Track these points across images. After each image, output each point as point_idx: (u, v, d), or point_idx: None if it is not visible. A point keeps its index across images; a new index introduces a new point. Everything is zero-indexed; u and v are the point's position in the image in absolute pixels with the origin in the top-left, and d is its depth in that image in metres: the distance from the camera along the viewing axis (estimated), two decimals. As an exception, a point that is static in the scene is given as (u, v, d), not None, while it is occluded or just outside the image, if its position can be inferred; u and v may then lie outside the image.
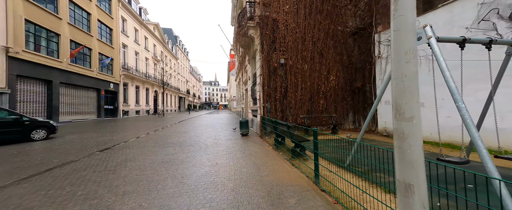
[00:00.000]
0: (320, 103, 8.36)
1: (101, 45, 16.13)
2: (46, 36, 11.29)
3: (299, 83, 8.01)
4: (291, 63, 7.94)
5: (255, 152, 5.22)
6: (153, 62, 27.21)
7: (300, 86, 8.02)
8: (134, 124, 12.85)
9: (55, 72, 11.70)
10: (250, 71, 10.84)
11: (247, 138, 7.33)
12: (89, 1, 14.79)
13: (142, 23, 23.95)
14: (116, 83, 18.36)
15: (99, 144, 6.55)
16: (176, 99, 40.53)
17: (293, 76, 7.96)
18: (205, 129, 10.25)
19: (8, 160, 4.63)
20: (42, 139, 7.12)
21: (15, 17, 9.39)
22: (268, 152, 5.17)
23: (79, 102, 14.09)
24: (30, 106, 10.39)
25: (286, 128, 4.55)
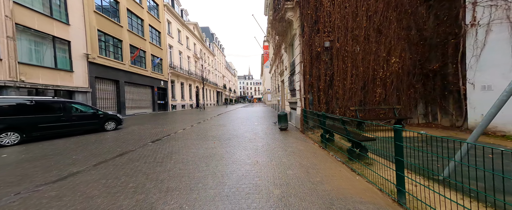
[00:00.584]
0: (377, 93, 6.81)
1: (152, 47, 18.30)
2: (112, 43, 13.48)
3: (348, 69, 6.68)
4: (338, 46, 6.66)
5: (299, 149, 4.56)
6: (194, 60, 29.49)
7: (350, 73, 6.69)
8: (180, 117, 14.19)
9: (121, 73, 13.95)
10: (287, 61, 9.95)
11: (286, 133, 6.70)
12: (142, 8, 16.79)
13: (184, 24, 25.97)
14: (165, 81, 20.72)
15: (152, 135, 7.26)
16: (214, 94, 43.32)
17: (340, 61, 6.69)
18: (241, 122, 10.19)
19: (87, 147, 5.57)
20: (112, 129, 8.51)
21: (91, 28, 11.46)
22: (315, 151, 4.42)
23: (138, 98, 16.58)
24: (105, 102, 12.79)
25: (340, 123, 3.67)
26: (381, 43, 6.79)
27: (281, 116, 7.21)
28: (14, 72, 7.65)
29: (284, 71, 11.45)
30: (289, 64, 9.80)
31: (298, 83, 7.13)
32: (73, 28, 10.34)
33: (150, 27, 18.35)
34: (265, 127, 8.34)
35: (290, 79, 9.69)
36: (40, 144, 5.94)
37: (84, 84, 10.87)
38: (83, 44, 10.89)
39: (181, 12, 26.73)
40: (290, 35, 8.64)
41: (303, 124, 6.55)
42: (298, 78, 7.25)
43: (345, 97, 6.72)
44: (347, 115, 6.69)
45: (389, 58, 6.84)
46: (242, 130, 7.85)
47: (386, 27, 6.77)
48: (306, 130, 6.38)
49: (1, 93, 7.35)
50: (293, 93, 9.21)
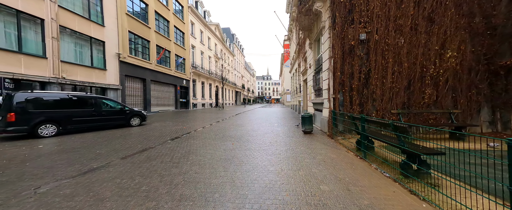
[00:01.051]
0: (426, 94, 5.65)
1: (176, 47, 19.07)
2: (141, 43, 14.30)
3: (389, 65, 5.68)
4: (377, 38, 5.70)
5: (331, 158, 3.87)
6: (214, 60, 30.14)
7: (391, 69, 5.68)
8: (200, 115, 14.37)
9: (147, 72, 14.72)
10: (312, 58, 9.15)
11: (311, 137, 5.99)
12: (168, 10, 17.59)
13: (206, 25, 26.68)
14: (187, 80, 21.44)
15: (172, 133, 7.25)
16: (233, 93, 43.81)
17: (379, 56, 5.72)
18: (261, 123, 9.72)
19: (112, 142, 5.70)
20: (137, 125, 8.82)
21: (123, 30, 12.26)
22: (352, 161, 3.68)
23: (163, 96, 17.37)
24: (133, 99, 13.59)
25: (390, 129, 2.91)
26: (433, 34, 5.62)
27: (305, 117, 6.52)
28: (57, 70, 8.43)
29: (307, 70, 10.65)
30: (314, 61, 9.00)
31: (326, 82, 6.35)
32: (107, 30, 11.14)
33: (175, 28, 19.14)
34: (286, 129, 7.72)
35: (315, 78, 8.88)
36: (73, 137, 6.31)
37: (115, 81, 11.65)
38: (115, 44, 11.68)
39: (204, 14, 27.52)
40: (317, 30, 7.87)
41: (331, 128, 5.77)
42: (326, 76, 6.47)
43: (384, 98, 5.72)
44: (387, 118, 5.69)
45: (443, 52, 5.63)
46: (262, 131, 7.37)
47: (440, 14, 5.58)
48: (335, 134, 5.59)
49: (45, 89, 8.18)
50: (319, 93, 8.39)
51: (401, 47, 5.66)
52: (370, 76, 5.81)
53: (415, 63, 5.66)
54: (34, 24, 7.91)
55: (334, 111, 5.67)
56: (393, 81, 5.71)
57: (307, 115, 6.53)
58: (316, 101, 8.34)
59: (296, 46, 14.24)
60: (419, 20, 5.63)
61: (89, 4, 10.13)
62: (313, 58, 9.04)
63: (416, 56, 5.66)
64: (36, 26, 7.96)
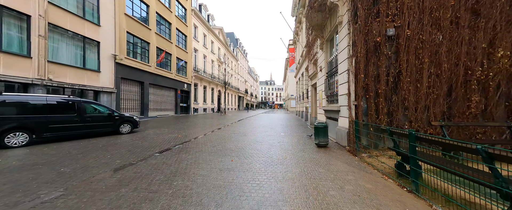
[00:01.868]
0: (472, 102, 4.56)
1: (178, 50, 18.47)
2: (140, 45, 13.68)
3: (424, 66, 4.65)
4: (409, 34, 4.71)
5: (366, 190, 2.80)
6: (217, 64, 29.56)
7: (426, 71, 4.64)
8: (200, 121, 13.45)
9: (146, 74, 14.01)
10: (323, 60, 8.20)
11: (328, 153, 4.92)
12: (170, 12, 17.13)
13: (210, 28, 26.28)
14: (189, 84, 20.72)
15: (164, 143, 6.30)
16: (236, 98, 43.01)
17: (411, 55, 4.71)
18: (265, 132, 8.68)
19: (88, 155, 4.75)
20: (127, 132, 7.90)
21: (120, 30, 11.65)
22: (399, 196, 2.60)
23: (162, 100, 16.59)
24: (129, 103, 12.81)
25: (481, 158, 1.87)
26: (479, 29, 4.60)
27: (319, 128, 5.47)
28: (43, 71, 7.69)
29: (317, 74, 9.67)
30: (326, 64, 8.03)
31: (344, 86, 5.34)
32: (104, 30, 10.52)
33: (177, 31, 18.63)
34: (295, 141, 6.66)
35: (327, 82, 7.88)
36: (46, 147, 5.40)
37: (109, 84, 10.90)
38: (111, 45, 11.03)
39: (207, 17, 27.22)
40: (330, 27, 6.95)
41: (353, 141, 4.69)
42: (343, 79, 5.47)
43: (419, 106, 4.65)
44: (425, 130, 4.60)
45: (493, 51, 4.58)
46: (267, 142, 6.33)
47: (488, 5, 4.58)
48: (359, 149, 4.52)
49: (28, 91, 7.43)
50: (332, 100, 7.36)
51: (439, 44, 4.65)
52: (400, 79, 4.78)
53: (457, 64, 4.62)
54: (19, 21, 7.26)
55: (357, 121, 4.61)
56: (429, 86, 4.66)
57: (322, 125, 5.48)
58: (329, 109, 7.30)
59: (304, 48, 13.37)
60: (461, 12, 4.63)
61: (84, 2, 9.55)
62: (325, 61, 8.08)
63: (458, 56, 4.62)
64: (21, 22, 7.30)
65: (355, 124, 4.63)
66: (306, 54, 12.76)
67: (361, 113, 4.81)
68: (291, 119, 17.24)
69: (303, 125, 11.64)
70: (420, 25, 4.69)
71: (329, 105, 7.69)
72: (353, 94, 4.91)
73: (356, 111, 4.88)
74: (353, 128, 4.72)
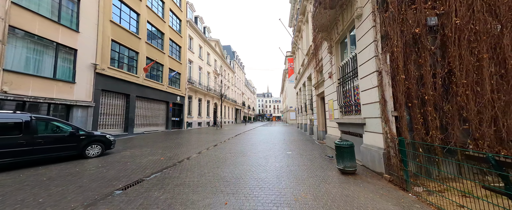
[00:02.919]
0: (556, 110, 3.33)
1: (171, 61, 17.43)
2: (127, 54, 12.54)
3: (484, 64, 3.49)
4: (458, 23, 3.63)
5: None
6: (213, 75, 28.63)
7: (487, 70, 3.47)
8: (193, 137, 11.86)
9: (133, 86, 12.67)
10: (334, 65, 7.11)
11: (362, 184, 3.49)
12: (163, 22, 16.39)
13: (206, 40, 25.76)
14: (182, 96, 19.37)
15: (137, 170, 4.77)
16: (233, 111, 41.59)
17: (464, 50, 3.58)
18: (268, 150, 7.19)
19: (10, 198, 3.20)
20: (97, 155, 6.31)
21: (104, 38, 10.54)
22: None
23: (151, 115, 15.04)
24: (110, 118, 11.24)
25: None
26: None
27: (343, 148, 4.09)
28: (-5, 81, 6.27)
29: (324, 82, 8.54)
30: (337, 68, 6.92)
31: (372, 92, 4.10)
32: (83, 36, 9.37)
33: (171, 41, 17.78)
34: (308, 163, 5.21)
35: (340, 89, 6.68)
36: (-42, 185, 3.81)
37: (86, 97, 9.45)
38: (92, 53, 9.82)
39: (203, 29, 26.89)
40: (343, 26, 5.94)
41: (400, 169, 3.30)
42: (369, 83, 4.26)
43: (485, 117, 3.38)
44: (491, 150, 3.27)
45: None
46: (273, 167, 4.86)
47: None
48: (408, 181, 3.12)
49: (-31, 106, 5.93)
50: (349, 110, 6.09)
51: (498, 36, 3.55)
52: (452, 81, 3.58)
53: (527, 60, 3.48)
54: (-31, 22, 6.02)
55: (403, 140, 3.27)
56: (493, 90, 3.45)
57: (346, 143, 4.11)
58: (345, 121, 5.98)
59: (305, 56, 12.48)
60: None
61: (60, 6, 8.50)
62: (335, 66, 6.98)
63: (525, 50, 3.50)
64: (-28, 24, 6.06)
65: (400, 143, 3.28)
66: (308, 62, 11.81)
67: (406, 127, 3.49)
68: (293, 132, 15.79)
69: (309, 140, 10.21)
70: (470, 13, 3.63)
71: (344, 117, 6.39)
72: (391, 102, 3.63)
73: (398, 125, 3.56)
74: (396, 149, 3.36)
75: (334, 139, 7.26)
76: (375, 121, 4.17)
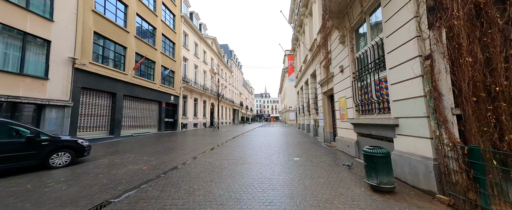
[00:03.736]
0: None
1: (164, 58, 16.28)
2: (114, 49, 11.37)
3: None
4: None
5: None
6: (210, 75, 27.51)
7: None
8: (187, 139, 10.75)
9: (120, 84, 11.50)
10: (346, 57, 6.15)
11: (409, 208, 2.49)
12: (155, 16, 15.24)
13: (202, 37, 24.65)
14: (176, 96, 18.21)
15: (108, 186, 3.68)
16: (231, 111, 40.50)
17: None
18: (272, 156, 6.16)
19: None
20: (64, 165, 5.18)
21: (85, 29, 9.38)
22: None
23: (141, 116, 13.86)
24: (93, 120, 10.05)
25: None
26: None
27: (377, 157, 3.09)
28: None
29: (333, 77, 7.58)
30: (352, 60, 5.95)
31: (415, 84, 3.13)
32: (58, 26, 8.21)
33: (164, 37, 16.63)
34: (324, 174, 4.20)
35: (356, 84, 5.71)
36: None
37: (62, 96, 8.27)
38: (70, 46, 8.65)
39: (199, 26, 25.78)
40: (362, 8, 4.97)
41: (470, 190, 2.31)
42: (402, 74, 3.29)
43: None
44: None
45: None
46: (281, 179, 3.83)
47: None
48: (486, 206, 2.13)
49: None
50: (369, 108, 5.12)
51: None
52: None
53: None
54: None
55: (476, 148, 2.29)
56: None
57: (381, 151, 3.11)
58: (366, 122, 5.00)
59: (308, 52, 11.54)
60: None
61: (29, -11, 7.35)
62: (350, 57, 6.01)
63: None
64: None
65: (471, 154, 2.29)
66: (312, 57, 10.85)
67: (477, 131, 2.50)
68: (295, 133, 14.80)
69: (315, 143, 9.22)
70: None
71: (362, 117, 5.42)
72: (450, 96, 2.65)
73: (461, 126, 2.58)
74: (463, 161, 2.37)
75: (347, 142, 6.29)
76: (415, 121, 3.19)
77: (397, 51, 3.60)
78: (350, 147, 6.01)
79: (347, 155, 6.15)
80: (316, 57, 10.20)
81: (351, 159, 5.67)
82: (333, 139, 9.00)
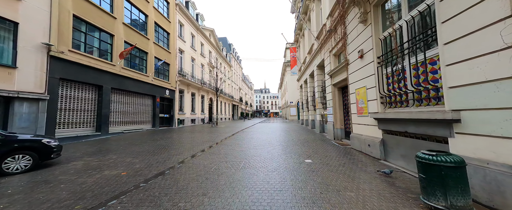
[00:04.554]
0: None
1: (157, 49, 15.08)
2: (99, 36, 10.19)
3: None
4: None
5: None
6: (208, 68, 26.31)
7: None
8: (182, 137, 9.77)
9: (107, 76, 10.39)
10: (372, 36, 5.08)
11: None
12: (147, 2, 13.94)
13: (199, 28, 23.30)
14: (172, 90, 17.13)
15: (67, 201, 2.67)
16: (230, 107, 39.50)
17: None
18: (279, 158, 5.16)
19: None
20: (23, 171, 4.19)
21: (62, 12, 8.19)
22: None
23: (133, 111, 12.81)
24: (75, 115, 9.01)
25: None
26: None
27: (445, 167, 2.10)
28: None
29: (347, 66, 6.53)
30: (376, 42, 4.89)
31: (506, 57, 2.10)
32: (28, 6, 7.03)
33: (157, 26, 15.37)
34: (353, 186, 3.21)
35: (381, 71, 4.68)
36: None
37: (36, 88, 7.20)
38: (43, 30, 7.50)
39: (196, 16, 24.38)
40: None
41: None
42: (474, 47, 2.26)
43: None
44: None
45: None
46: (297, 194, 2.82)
47: None
48: None
49: None
50: (404, 99, 4.12)
51: None
52: None
53: None
54: None
55: None
56: None
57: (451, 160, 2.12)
58: (400, 116, 4.00)
59: (316, 40, 10.41)
60: None
61: (-14, -42, 6.13)
62: (373, 39, 4.95)
63: None
64: None
65: None
66: (320, 45, 9.73)
67: None
68: (299, 129, 13.85)
69: (324, 140, 8.27)
70: None
71: (391, 110, 4.41)
72: None
73: None
74: None
75: (367, 141, 5.31)
76: (496, 115, 2.20)
77: (468, 14, 2.55)
78: (373, 147, 5.04)
79: (367, 156, 5.19)
80: (325, 45, 9.10)
81: (375, 161, 4.71)
82: (344, 136, 8.04)
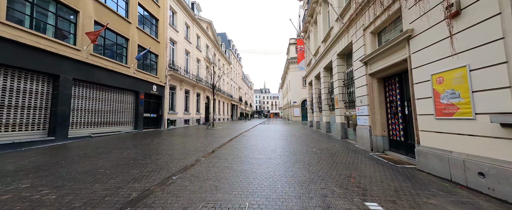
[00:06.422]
0: None
1: (142, 36, 12.69)
2: (54, 11, 7.79)
3: None
4: None
5: None
6: (205, 64, 23.92)
7: None
8: (162, 144, 7.35)
9: (66, 63, 7.99)
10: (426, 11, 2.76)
11: None
12: (127, -22, 11.57)
13: (195, 18, 20.92)
14: (161, 86, 14.73)
15: None
16: (229, 107, 37.13)
17: None
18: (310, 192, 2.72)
19: None
20: None
21: (-12, -33, 5.79)
22: None
23: (106, 109, 10.39)
24: (13, 114, 6.58)
25: None
26: None
27: None
28: None
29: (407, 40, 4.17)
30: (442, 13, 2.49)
31: None
32: None
33: (142, 9, 13.00)
34: None
35: None
36: None
37: None
38: (-50, -12, 5.08)
39: (191, 5, 22.02)
40: None
41: None
42: None
43: None
44: None
45: None
46: None
47: None
48: None
49: None
50: None
51: None
52: None
53: None
54: None
55: None
56: None
57: None
58: None
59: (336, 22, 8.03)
60: None
61: None
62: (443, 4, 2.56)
63: None
64: None
65: None
66: (348, 24, 7.35)
67: None
68: (309, 134, 11.44)
69: (356, 151, 5.86)
70: None
71: None
72: None
73: None
74: None
75: (470, 163, 2.94)
76: None
77: None
78: (495, 178, 2.65)
79: (476, 194, 2.81)
80: (355, 22, 6.76)
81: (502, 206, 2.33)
82: (389, 147, 5.69)
